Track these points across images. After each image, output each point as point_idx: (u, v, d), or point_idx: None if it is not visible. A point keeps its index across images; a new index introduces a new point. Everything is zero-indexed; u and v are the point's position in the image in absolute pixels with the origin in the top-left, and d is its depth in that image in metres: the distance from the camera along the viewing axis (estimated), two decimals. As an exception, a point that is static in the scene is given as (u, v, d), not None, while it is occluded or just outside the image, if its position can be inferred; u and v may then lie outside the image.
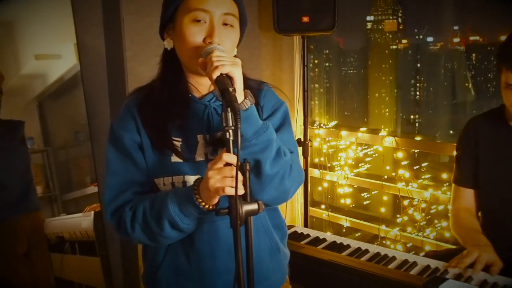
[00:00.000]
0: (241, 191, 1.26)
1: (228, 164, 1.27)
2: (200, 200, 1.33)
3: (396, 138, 3.20)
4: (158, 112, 1.48)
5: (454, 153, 2.89)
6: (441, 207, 3.18)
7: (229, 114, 1.26)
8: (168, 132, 1.47)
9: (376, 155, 3.59)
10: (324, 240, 2.32)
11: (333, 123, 3.91)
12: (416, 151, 3.32)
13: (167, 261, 1.55)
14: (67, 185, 3.77)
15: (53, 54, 3.33)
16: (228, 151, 1.28)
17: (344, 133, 3.49)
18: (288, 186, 1.45)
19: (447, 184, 3.11)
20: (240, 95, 1.30)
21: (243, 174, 1.27)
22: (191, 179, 1.47)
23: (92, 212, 3.29)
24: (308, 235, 2.38)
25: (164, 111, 1.48)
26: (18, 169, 3.15)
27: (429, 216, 3.22)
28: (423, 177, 3.31)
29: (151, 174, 1.50)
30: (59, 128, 3.76)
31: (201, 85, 1.52)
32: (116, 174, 1.50)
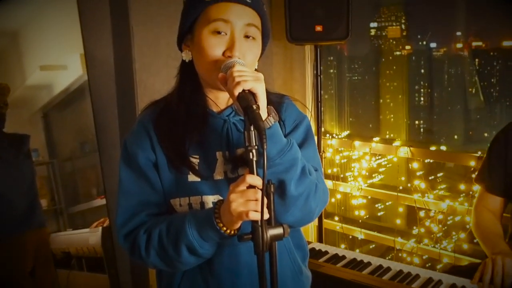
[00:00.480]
0: (266, 216, 1.18)
1: (251, 186, 1.20)
2: (221, 225, 1.25)
3: (411, 148, 3.12)
4: (175, 128, 1.40)
5: (472, 163, 2.87)
6: (457, 218, 3.09)
7: (252, 133, 1.20)
8: (186, 149, 1.39)
9: (390, 165, 3.50)
10: (344, 257, 2.24)
11: (345, 133, 3.83)
12: (431, 161, 3.23)
13: (184, 287, 1.47)
14: (73, 198, 3.70)
15: (59, 65, 3.26)
16: (252, 172, 1.21)
17: (357, 143, 3.41)
18: (313, 207, 1.37)
19: (464, 194, 3.03)
20: (263, 112, 1.23)
21: (268, 197, 1.20)
22: (209, 199, 1.40)
23: (100, 228, 3.21)
24: (326, 252, 2.30)
25: (181, 127, 1.40)
26: (23, 184, 3.07)
27: (445, 227, 3.14)
28: (438, 187, 3.22)
29: (167, 194, 1.42)
30: (65, 139, 3.69)
31: (220, 99, 1.45)
32: (130, 195, 1.42)
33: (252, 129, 1.20)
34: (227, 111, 1.44)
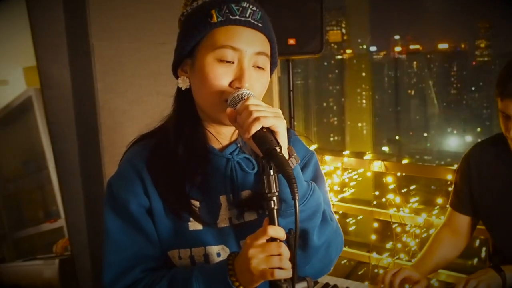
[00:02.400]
0: (290, 273, 1.04)
1: (272, 239, 1.05)
2: (238, 284, 1.09)
3: (385, 162, 3.05)
4: (172, 168, 1.23)
5: (449, 176, 2.84)
6: (432, 231, 3.05)
7: (273, 178, 1.05)
8: (186, 193, 1.22)
9: (360, 178, 3.43)
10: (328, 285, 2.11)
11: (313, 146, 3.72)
12: (403, 174, 3.18)
13: None
14: (17, 222, 3.40)
15: (-1, 80, 2.98)
16: (272, 222, 1.06)
17: (328, 158, 3.31)
18: (333, 256, 1.27)
19: (438, 207, 3.00)
20: (284, 153, 1.08)
21: (290, 249, 1.06)
22: (213, 250, 1.23)
23: (57, 260, 2.94)
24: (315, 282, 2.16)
25: (180, 166, 1.23)
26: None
27: (418, 240, 3.09)
28: (411, 200, 3.17)
29: (164, 245, 1.24)
30: (7, 158, 3.40)
31: (222, 135, 1.28)
32: (120, 249, 1.23)
33: (272, 173, 1.05)
34: (230, 148, 1.28)
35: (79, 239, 2.52)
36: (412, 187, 3.25)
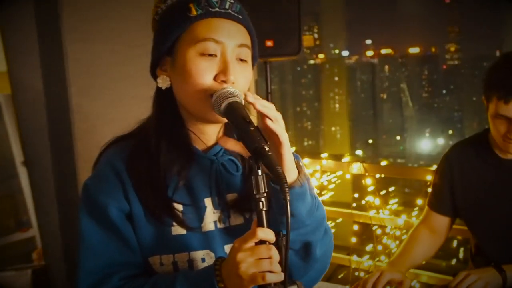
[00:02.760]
0: (281, 276, 1.00)
1: (261, 242, 1.01)
2: None
3: (364, 164, 3.04)
4: (154, 170, 1.17)
5: (428, 177, 2.84)
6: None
7: (261, 178, 1.01)
8: (168, 197, 1.17)
9: (339, 181, 3.42)
10: None
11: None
12: (382, 175, 3.18)
13: None
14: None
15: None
16: (261, 224, 1.02)
17: (306, 160, 3.29)
18: (328, 265, 1.25)
19: (417, 208, 3.00)
20: (293, 168, 1.07)
21: (279, 251, 1.02)
22: (198, 256, 1.18)
23: (30, 270, 2.84)
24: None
25: (162, 169, 1.17)
26: None
27: (398, 242, 3.09)
28: (390, 202, 3.17)
29: (144, 251, 1.18)
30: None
31: (205, 135, 1.23)
32: (97, 255, 1.16)
33: (260, 173, 1.01)
34: (214, 149, 1.23)
35: (53, 248, 2.44)
36: (391, 189, 3.24)
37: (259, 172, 1.01)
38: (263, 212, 1.02)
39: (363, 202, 3.12)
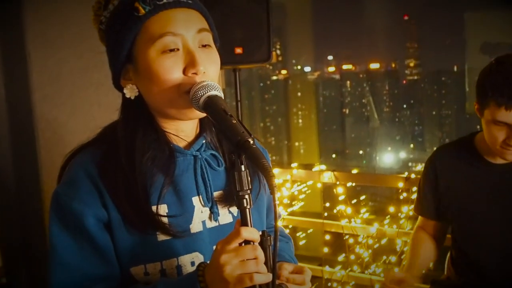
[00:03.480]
0: (269, 277, 0.95)
1: (246, 242, 0.96)
2: None
3: (335, 172, 3.01)
4: (131, 173, 1.09)
5: (400, 184, 2.84)
6: (383, 241, 3.04)
7: (244, 174, 0.96)
8: (149, 204, 1.09)
9: (310, 191, 3.38)
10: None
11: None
12: (353, 184, 3.16)
13: None
14: None
15: None
16: (245, 223, 0.97)
17: (276, 170, 3.25)
18: None
19: (389, 217, 2.99)
20: None
21: (265, 251, 0.98)
22: (186, 260, 1.11)
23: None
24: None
25: (140, 173, 1.09)
26: None
27: (370, 251, 3.07)
28: (362, 211, 3.15)
29: (125, 261, 1.10)
30: None
31: (183, 132, 1.17)
32: (70, 268, 1.08)
33: (243, 169, 0.96)
34: (196, 144, 1.17)
35: (14, 264, 2.31)
36: (362, 198, 3.23)
37: (242, 167, 0.97)
38: (247, 210, 0.97)
39: (334, 211, 3.09)
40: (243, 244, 0.96)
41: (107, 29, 1.13)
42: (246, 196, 0.96)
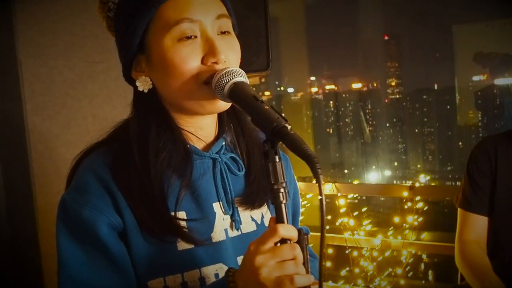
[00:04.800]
0: (311, 279, 0.86)
1: (282, 241, 0.86)
2: None
3: (336, 184, 2.94)
4: (147, 180, 0.99)
5: (404, 193, 2.77)
6: (387, 254, 2.96)
7: (279, 165, 0.87)
8: (170, 209, 0.99)
9: (309, 204, 3.29)
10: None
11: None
12: (355, 196, 3.09)
13: None
14: None
15: None
16: (281, 220, 0.88)
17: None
18: None
19: (392, 228, 2.91)
20: None
21: (302, 251, 0.89)
22: (210, 271, 1.01)
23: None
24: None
25: (159, 177, 0.99)
26: None
27: (375, 263, 2.97)
28: (364, 223, 3.07)
29: (143, 274, 0.99)
30: None
31: (203, 131, 1.07)
32: (81, 282, 0.97)
33: (277, 160, 0.87)
34: (216, 146, 1.07)
35: (6, 283, 2.17)
36: (364, 209, 3.15)
37: (277, 158, 0.88)
38: (283, 206, 0.88)
39: (337, 223, 3.01)
40: (278, 244, 0.87)
41: (116, 16, 1.05)
42: (282, 190, 0.88)
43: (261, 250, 0.85)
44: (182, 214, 1.00)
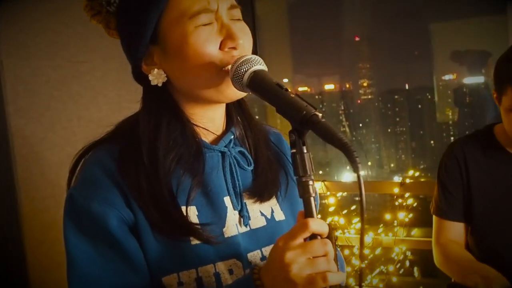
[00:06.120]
0: (343, 276, 0.83)
1: (312, 236, 0.83)
2: None
3: (325, 182, 2.91)
4: (155, 173, 0.95)
5: (395, 190, 2.76)
6: (378, 251, 2.94)
7: (307, 156, 0.83)
8: (179, 206, 0.95)
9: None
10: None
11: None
12: (343, 194, 3.06)
13: None
14: None
15: None
16: (310, 214, 0.85)
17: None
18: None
19: (382, 225, 2.90)
20: None
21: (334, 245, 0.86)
22: (224, 267, 0.97)
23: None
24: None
25: (167, 173, 0.95)
26: None
27: (366, 261, 2.95)
28: (354, 221, 3.04)
29: (156, 270, 0.95)
30: None
31: (212, 123, 1.04)
32: (93, 281, 0.93)
33: (305, 150, 0.84)
34: (224, 139, 1.04)
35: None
36: (353, 208, 3.12)
37: (305, 148, 0.84)
38: (312, 199, 0.84)
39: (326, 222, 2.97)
40: (307, 239, 0.83)
41: (120, 9, 1.00)
42: (311, 182, 0.84)
43: (291, 246, 0.82)
44: (193, 209, 0.97)
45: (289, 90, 0.86)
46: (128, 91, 2.22)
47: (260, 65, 0.92)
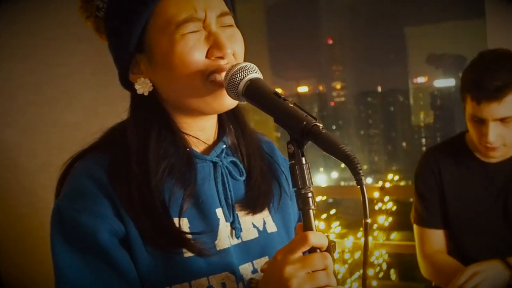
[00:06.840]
0: None
1: (311, 250, 0.82)
2: None
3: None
4: (146, 183, 0.92)
5: (375, 194, 2.77)
6: (357, 254, 2.95)
7: (306, 167, 0.82)
8: (171, 218, 0.92)
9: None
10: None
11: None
12: (323, 198, 3.06)
13: None
14: None
15: None
16: (310, 227, 0.83)
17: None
18: None
19: (362, 228, 2.91)
20: None
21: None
22: (217, 280, 0.94)
23: None
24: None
25: (157, 182, 0.93)
26: None
27: (346, 265, 2.96)
28: (333, 225, 3.05)
29: (148, 282, 0.92)
30: None
31: (203, 132, 1.01)
32: None
33: (304, 161, 0.82)
34: (216, 149, 1.01)
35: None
36: (332, 212, 3.12)
37: (303, 160, 0.82)
38: (311, 212, 0.83)
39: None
40: (307, 253, 0.82)
41: (108, 16, 0.97)
42: (310, 194, 0.82)
43: (290, 260, 0.80)
44: (185, 221, 0.94)
45: (287, 100, 0.84)
46: (105, 94, 2.18)
47: (255, 73, 0.90)
